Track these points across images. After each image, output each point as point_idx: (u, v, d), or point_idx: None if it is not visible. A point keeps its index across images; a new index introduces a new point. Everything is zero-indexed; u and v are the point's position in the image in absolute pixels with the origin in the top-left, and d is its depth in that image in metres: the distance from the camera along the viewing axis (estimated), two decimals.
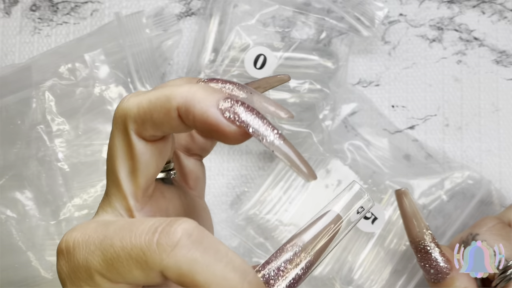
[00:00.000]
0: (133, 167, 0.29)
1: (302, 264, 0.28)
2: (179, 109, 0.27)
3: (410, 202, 0.42)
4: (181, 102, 0.27)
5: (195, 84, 0.28)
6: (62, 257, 0.28)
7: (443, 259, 0.40)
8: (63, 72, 0.52)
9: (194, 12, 0.57)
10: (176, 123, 0.28)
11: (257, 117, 0.27)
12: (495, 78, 0.55)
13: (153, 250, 0.25)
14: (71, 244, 0.28)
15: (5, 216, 0.50)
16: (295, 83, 0.52)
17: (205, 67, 0.53)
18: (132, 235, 0.26)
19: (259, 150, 0.55)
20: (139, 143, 0.29)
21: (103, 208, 0.30)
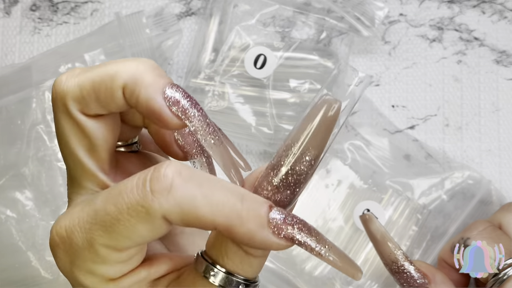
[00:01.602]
0: (90, 144, 0.28)
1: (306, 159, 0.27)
2: (124, 88, 0.27)
3: (377, 225, 0.42)
4: (127, 82, 0.27)
5: (142, 62, 0.27)
6: (58, 249, 0.28)
7: (419, 275, 0.41)
8: (63, 72, 0.51)
9: (194, 12, 0.57)
10: (121, 102, 0.27)
11: (200, 114, 0.27)
12: (495, 78, 0.55)
13: (150, 198, 0.25)
14: (64, 233, 0.27)
15: (5, 216, 0.50)
16: (295, 83, 0.52)
17: (205, 67, 0.53)
18: (124, 196, 0.26)
19: (259, 150, 0.55)
20: (88, 121, 0.28)
21: (75, 193, 0.29)
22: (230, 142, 0.31)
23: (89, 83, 0.27)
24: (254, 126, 0.52)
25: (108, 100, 0.27)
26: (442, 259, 0.45)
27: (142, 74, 0.27)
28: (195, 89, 0.53)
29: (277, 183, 0.27)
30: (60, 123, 0.28)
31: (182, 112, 0.27)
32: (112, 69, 0.27)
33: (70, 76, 0.28)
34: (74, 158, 0.29)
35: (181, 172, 0.25)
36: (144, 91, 0.27)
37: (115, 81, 0.27)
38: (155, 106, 0.27)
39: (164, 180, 0.25)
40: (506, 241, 0.40)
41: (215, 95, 0.52)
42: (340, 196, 0.52)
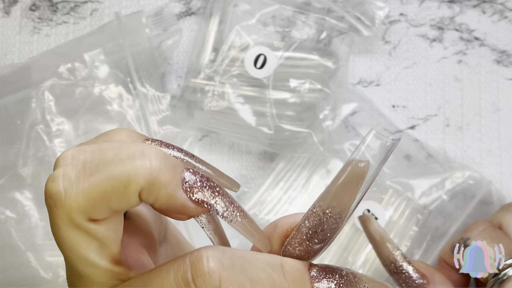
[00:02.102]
0: (100, 245, 0.26)
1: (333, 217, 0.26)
2: (140, 192, 0.25)
3: (376, 226, 0.41)
4: (143, 186, 0.25)
5: (153, 159, 0.25)
6: None
7: (418, 276, 0.41)
8: (62, 72, 0.51)
9: (194, 11, 0.57)
10: (136, 204, 0.26)
11: (222, 197, 0.26)
12: (495, 78, 0.55)
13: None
14: None
15: (5, 216, 0.50)
16: (295, 83, 0.52)
17: (205, 67, 0.53)
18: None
19: (259, 150, 0.55)
20: (97, 227, 0.26)
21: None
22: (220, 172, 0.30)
23: (98, 193, 0.25)
24: (254, 126, 0.52)
25: (122, 206, 0.25)
26: (442, 259, 0.45)
27: (158, 175, 0.25)
28: (194, 89, 0.53)
29: (306, 244, 0.27)
30: (64, 234, 0.26)
31: (205, 202, 0.26)
32: (124, 173, 0.25)
33: (68, 186, 0.25)
34: (85, 261, 0.26)
35: (223, 261, 0.24)
36: (164, 192, 0.25)
37: (130, 187, 0.25)
38: (176, 203, 0.26)
39: (211, 278, 0.24)
40: (506, 242, 0.40)
41: (215, 95, 0.52)
42: None
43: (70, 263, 0.27)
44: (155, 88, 0.52)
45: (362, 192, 0.26)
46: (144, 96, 0.51)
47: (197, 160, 0.29)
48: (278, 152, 0.54)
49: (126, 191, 0.25)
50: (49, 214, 0.26)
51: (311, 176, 0.53)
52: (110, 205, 0.25)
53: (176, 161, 0.26)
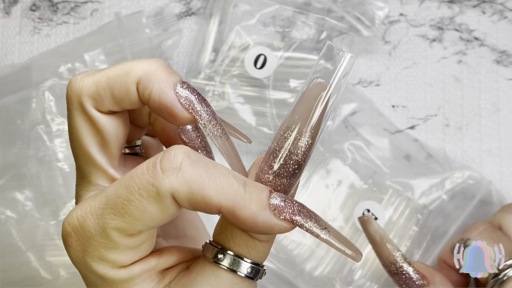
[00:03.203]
0: (102, 140, 0.30)
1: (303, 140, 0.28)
2: (138, 83, 0.28)
3: (375, 227, 0.42)
4: (141, 77, 0.28)
5: (155, 61, 0.29)
6: (71, 238, 0.28)
7: (418, 276, 0.41)
8: (63, 72, 0.52)
9: (194, 12, 0.57)
10: (135, 98, 0.29)
11: (208, 109, 0.29)
12: (495, 78, 0.55)
13: (161, 177, 0.26)
14: (76, 222, 0.28)
15: (5, 216, 0.50)
16: (295, 83, 0.52)
17: (205, 67, 0.53)
18: (135, 178, 0.27)
19: (259, 150, 0.55)
20: (101, 117, 0.29)
21: (85, 191, 0.30)
22: (231, 126, 0.33)
23: (105, 79, 0.29)
24: (254, 126, 0.52)
25: (123, 95, 0.29)
26: (442, 259, 0.45)
27: (155, 71, 0.28)
28: None
29: (277, 168, 0.28)
30: (74, 120, 0.29)
31: (192, 107, 0.29)
32: (127, 66, 0.29)
33: (85, 75, 0.29)
34: (86, 154, 0.30)
35: (190, 154, 0.27)
36: (157, 86, 0.28)
37: (130, 76, 0.28)
38: (167, 100, 0.28)
39: (174, 160, 0.26)
40: (506, 242, 0.40)
41: (215, 95, 0.52)
42: (340, 196, 0.52)
43: (76, 163, 0.30)
44: None
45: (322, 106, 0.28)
46: None
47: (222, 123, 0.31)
48: None
49: (126, 80, 0.28)
50: (67, 103, 0.29)
51: (311, 176, 0.53)
52: (114, 93, 0.29)
53: (175, 72, 0.29)
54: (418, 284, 0.40)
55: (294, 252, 0.51)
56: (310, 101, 0.28)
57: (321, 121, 0.28)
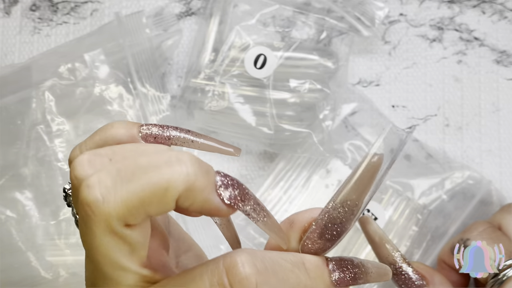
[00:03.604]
0: (131, 249, 0.27)
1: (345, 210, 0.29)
2: (178, 198, 0.25)
3: (375, 227, 0.41)
4: (181, 191, 0.25)
5: (189, 165, 0.26)
6: None
7: (418, 277, 0.40)
8: (63, 72, 0.52)
9: (194, 12, 0.57)
10: (172, 208, 0.26)
11: (250, 199, 0.28)
12: (495, 78, 0.55)
13: None
14: None
15: (5, 216, 0.50)
16: (295, 83, 0.52)
17: (205, 67, 0.53)
18: None
19: (259, 150, 0.55)
20: (131, 232, 0.26)
21: None
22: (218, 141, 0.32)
23: (137, 200, 0.25)
24: (254, 126, 0.52)
25: (159, 211, 0.26)
26: (442, 260, 0.45)
27: (195, 181, 0.25)
28: (195, 89, 0.53)
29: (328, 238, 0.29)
30: (99, 240, 0.26)
31: (236, 204, 0.27)
32: (163, 179, 0.25)
33: (106, 193, 0.25)
34: (114, 264, 0.27)
35: (257, 266, 0.26)
36: (200, 196, 0.26)
37: (169, 194, 0.25)
38: (211, 206, 0.26)
39: (249, 283, 0.25)
40: (506, 242, 0.40)
41: (215, 95, 0.52)
42: None
43: (97, 266, 0.27)
44: (155, 88, 0.52)
45: (376, 184, 0.29)
46: (144, 96, 0.52)
47: (194, 134, 0.30)
48: (278, 152, 0.54)
49: (164, 197, 0.25)
50: (85, 221, 0.26)
51: (311, 176, 0.53)
52: (148, 211, 0.25)
53: (208, 166, 0.27)
54: (418, 285, 0.40)
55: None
56: (367, 180, 0.29)
57: (366, 191, 0.29)
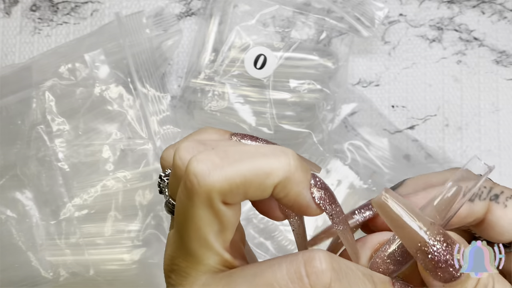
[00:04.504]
0: (222, 227, 0.28)
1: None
2: (276, 185, 0.27)
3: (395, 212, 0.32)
4: (281, 179, 0.27)
5: (291, 157, 0.27)
6: None
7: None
8: (63, 72, 0.52)
9: (194, 12, 0.57)
10: (268, 195, 0.28)
11: (337, 205, 0.29)
12: (495, 78, 0.55)
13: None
14: None
15: (5, 216, 0.50)
16: (295, 83, 0.52)
17: (205, 67, 0.53)
18: None
19: None
20: (227, 210, 0.28)
21: (193, 269, 0.29)
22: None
23: (241, 179, 0.27)
24: (254, 126, 0.52)
25: (257, 194, 0.27)
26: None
27: (295, 173, 0.27)
28: (195, 89, 0.53)
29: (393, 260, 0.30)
30: (197, 211, 0.28)
31: (324, 206, 0.29)
32: (268, 165, 0.27)
33: (212, 167, 0.27)
34: (203, 240, 0.28)
35: (333, 264, 0.27)
36: (296, 189, 0.27)
37: (270, 179, 0.27)
38: (303, 202, 0.28)
39: (323, 277, 0.26)
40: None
41: (215, 95, 0.52)
42: (340, 196, 0.52)
43: (185, 240, 0.29)
44: (156, 88, 0.52)
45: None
46: (144, 96, 0.52)
47: None
48: None
49: (265, 182, 0.27)
50: (188, 191, 0.27)
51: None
52: (247, 192, 0.27)
53: (306, 166, 0.29)
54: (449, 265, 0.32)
55: (294, 252, 0.51)
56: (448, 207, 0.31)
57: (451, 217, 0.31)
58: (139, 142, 0.51)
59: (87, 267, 0.50)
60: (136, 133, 0.52)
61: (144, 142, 0.52)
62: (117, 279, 0.51)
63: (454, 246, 0.32)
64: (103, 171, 0.51)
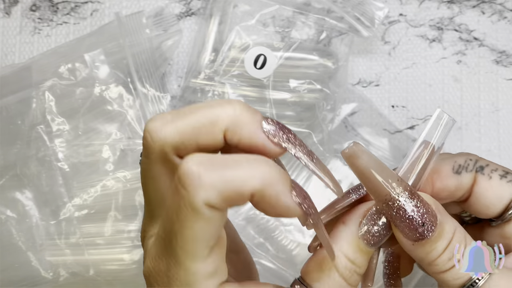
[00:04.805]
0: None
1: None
2: (225, 131, 0.29)
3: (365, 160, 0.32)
4: (228, 126, 0.29)
5: (237, 104, 0.29)
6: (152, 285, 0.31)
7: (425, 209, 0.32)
8: (63, 72, 0.52)
9: (194, 12, 0.57)
10: (221, 144, 0.29)
11: (298, 144, 0.30)
12: (495, 78, 0.56)
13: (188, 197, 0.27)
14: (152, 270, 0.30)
15: (5, 216, 0.50)
16: (295, 83, 0.52)
17: (205, 67, 0.53)
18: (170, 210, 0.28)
19: None
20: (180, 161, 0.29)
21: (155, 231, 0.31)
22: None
23: (190, 130, 0.28)
24: None
25: (209, 143, 0.29)
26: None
27: (240, 116, 0.29)
28: (195, 89, 0.53)
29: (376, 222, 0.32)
30: (153, 167, 0.29)
31: (281, 141, 0.30)
32: (211, 114, 0.29)
33: (164, 123, 0.29)
34: (163, 199, 0.30)
35: (202, 161, 0.27)
36: (246, 130, 0.29)
37: (217, 126, 0.28)
38: (258, 141, 0.29)
39: (191, 175, 0.27)
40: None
41: (215, 95, 0.52)
42: None
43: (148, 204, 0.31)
44: (156, 88, 0.52)
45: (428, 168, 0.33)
46: (144, 96, 0.52)
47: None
48: None
49: (213, 129, 0.29)
50: (144, 149, 0.29)
51: (311, 176, 0.53)
52: (198, 142, 0.29)
53: (256, 110, 0.30)
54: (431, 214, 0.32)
55: (294, 252, 0.51)
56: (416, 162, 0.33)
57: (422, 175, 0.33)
58: (139, 142, 0.51)
59: (87, 267, 0.50)
60: (136, 133, 0.52)
61: None
62: (117, 279, 0.51)
63: (422, 205, 0.31)
64: (103, 171, 0.51)
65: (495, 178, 0.35)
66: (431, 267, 0.32)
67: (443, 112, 0.34)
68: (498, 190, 0.35)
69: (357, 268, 0.32)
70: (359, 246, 0.32)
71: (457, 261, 0.32)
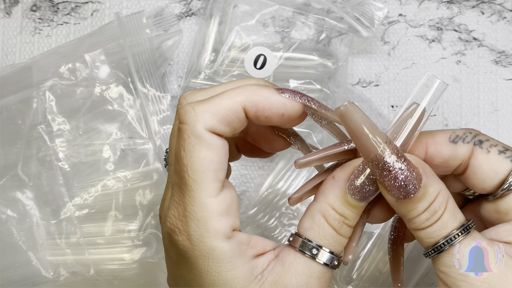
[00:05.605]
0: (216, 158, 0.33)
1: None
2: (244, 107, 0.33)
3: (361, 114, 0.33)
4: (244, 101, 0.33)
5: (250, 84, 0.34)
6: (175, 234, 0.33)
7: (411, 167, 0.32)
8: (63, 72, 0.52)
9: (194, 12, 0.57)
10: (242, 116, 0.33)
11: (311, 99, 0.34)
12: (494, 78, 0.56)
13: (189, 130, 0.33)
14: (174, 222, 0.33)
15: (6, 215, 0.50)
16: (295, 83, 0.52)
17: (205, 67, 0.53)
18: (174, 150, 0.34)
19: None
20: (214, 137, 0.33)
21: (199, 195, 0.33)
22: None
23: (223, 110, 0.33)
24: None
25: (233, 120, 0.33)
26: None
27: (258, 89, 0.33)
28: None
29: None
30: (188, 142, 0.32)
31: (299, 98, 0.34)
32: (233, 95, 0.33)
33: (196, 105, 0.33)
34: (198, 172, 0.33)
35: (189, 96, 0.34)
36: (265, 101, 0.33)
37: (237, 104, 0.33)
38: (279, 104, 0.33)
39: (187, 110, 0.32)
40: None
41: None
42: None
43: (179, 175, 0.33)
44: (156, 88, 0.52)
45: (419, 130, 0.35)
46: (144, 96, 0.52)
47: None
48: None
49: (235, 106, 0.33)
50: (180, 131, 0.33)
51: (311, 176, 0.54)
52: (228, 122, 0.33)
53: (268, 83, 0.35)
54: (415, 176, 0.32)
55: None
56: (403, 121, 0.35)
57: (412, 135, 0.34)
58: (139, 142, 0.52)
59: (87, 266, 0.50)
60: (136, 133, 0.52)
61: (144, 142, 0.52)
62: (117, 279, 0.51)
63: (408, 166, 0.32)
64: (104, 170, 0.51)
65: (493, 152, 0.35)
66: (410, 223, 0.33)
67: (434, 76, 0.34)
68: (495, 164, 0.35)
69: (346, 220, 0.34)
70: (346, 199, 0.33)
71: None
